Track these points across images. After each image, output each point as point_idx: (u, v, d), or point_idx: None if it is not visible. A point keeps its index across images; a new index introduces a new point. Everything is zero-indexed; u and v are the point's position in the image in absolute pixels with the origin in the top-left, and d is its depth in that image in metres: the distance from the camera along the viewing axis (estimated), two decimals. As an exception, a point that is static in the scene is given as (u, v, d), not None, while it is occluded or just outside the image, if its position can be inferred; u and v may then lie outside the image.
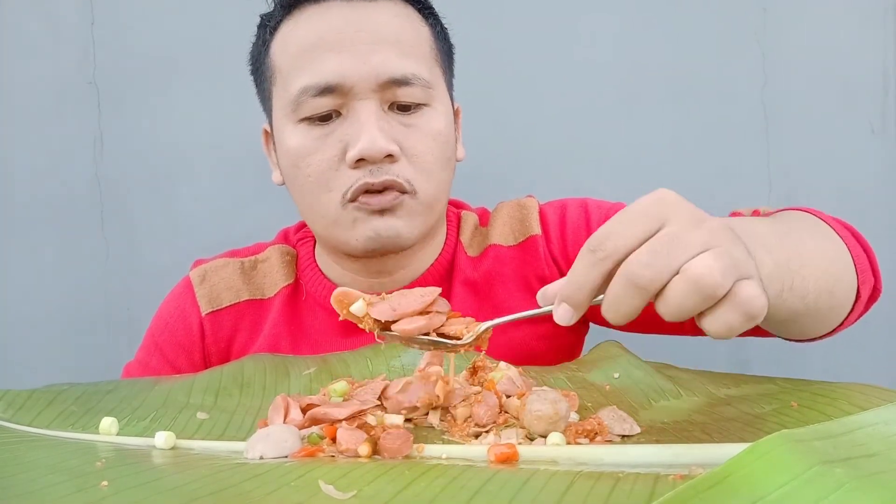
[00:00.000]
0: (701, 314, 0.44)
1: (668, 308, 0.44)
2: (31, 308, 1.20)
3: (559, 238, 0.84)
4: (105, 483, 0.43)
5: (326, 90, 0.73)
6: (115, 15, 1.19)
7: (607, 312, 0.45)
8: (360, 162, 0.73)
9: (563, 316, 0.47)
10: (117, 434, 0.57)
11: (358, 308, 0.53)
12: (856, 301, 0.66)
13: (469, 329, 0.52)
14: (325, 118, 0.75)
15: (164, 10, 1.18)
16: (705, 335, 0.79)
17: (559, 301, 0.47)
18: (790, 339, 0.70)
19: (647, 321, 0.79)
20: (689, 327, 0.78)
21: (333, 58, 0.73)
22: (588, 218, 0.84)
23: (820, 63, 1.15)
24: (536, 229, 0.84)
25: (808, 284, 0.58)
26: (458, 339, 0.52)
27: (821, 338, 0.69)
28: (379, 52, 0.73)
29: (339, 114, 0.75)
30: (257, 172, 1.18)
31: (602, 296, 0.46)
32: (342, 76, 0.73)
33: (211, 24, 1.18)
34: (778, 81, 1.15)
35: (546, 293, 0.50)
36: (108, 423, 0.57)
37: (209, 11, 1.18)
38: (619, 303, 0.44)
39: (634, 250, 0.44)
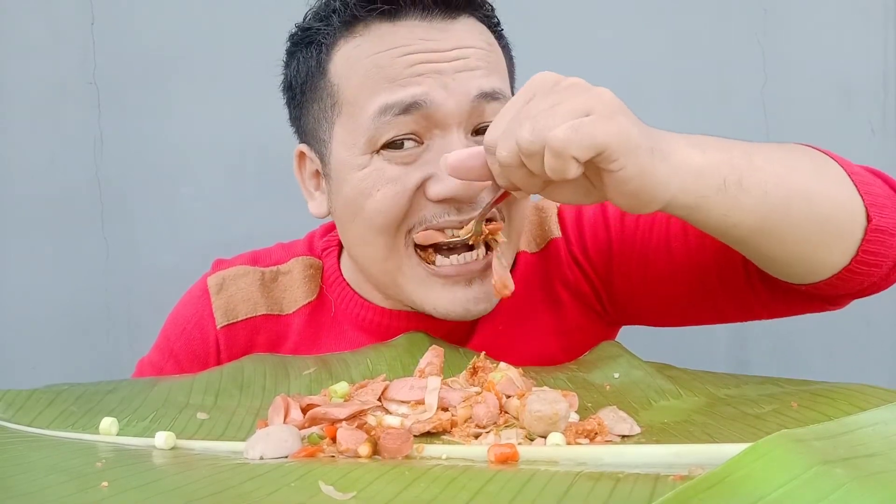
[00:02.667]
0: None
1: (500, 162, 0.53)
2: (31, 308, 1.20)
3: (578, 237, 0.80)
4: (105, 483, 0.43)
5: (412, 106, 0.66)
6: (115, 15, 1.18)
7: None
8: (448, 200, 0.67)
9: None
10: (117, 434, 0.57)
11: None
12: (869, 225, 0.60)
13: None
14: (404, 144, 0.67)
15: (164, 10, 1.18)
16: (739, 320, 0.77)
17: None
18: (802, 276, 0.64)
19: (680, 312, 0.78)
20: (732, 312, 0.75)
21: (417, 77, 0.66)
22: (606, 214, 0.79)
23: (820, 63, 1.15)
24: (556, 232, 0.80)
25: (765, 181, 0.57)
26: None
27: (853, 277, 0.62)
28: (466, 70, 0.67)
29: (420, 143, 0.68)
30: (257, 172, 1.19)
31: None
32: (428, 97, 0.66)
33: (211, 25, 1.18)
34: (778, 81, 1.15)
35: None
36: (108, 424, 0.57)
37: (209, 12, 1.18)
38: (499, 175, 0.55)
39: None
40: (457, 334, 0.77)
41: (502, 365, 0.59)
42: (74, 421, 0.60)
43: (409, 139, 0.67)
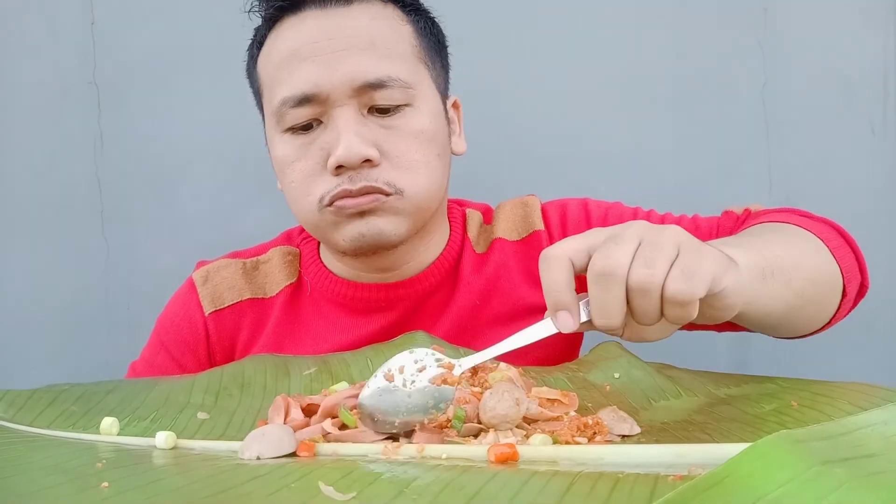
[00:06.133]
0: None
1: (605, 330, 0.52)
2: (31, 308, 1.20)
3: (561, 235, 0.86)
4: (106, 484, 0.43)
5: (304, 100, 0.74)
6: (115, 15, 1.18)
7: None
8: (340, 168, 0.74)
9: (566, 323, 0.51)
10: (118, 434, 0.57)
11: None
12: (843, 298, 0.69)
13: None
14: (306, 127, 0.76)
15: (164, 11, 1.18)
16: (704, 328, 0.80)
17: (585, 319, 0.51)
18: (786, 337, 0.71)
19: None
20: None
21: (307, 67, 0.74)
22: (588, 216, 0.87)
23: (820, 63, 1.15)
24: (539, 225, 0.87)
25: (790, 274, 0.61)
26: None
27: (812, 334, 0.71)
28: (350, 57, 0.74)
29: (319, 122, 0.76)
30: (257, 172, 1.18)
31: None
32: (316, 85, 0.74)
33: (211, 25, 1.18)
34: (778, 81, 1.15)
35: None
36: (108, 424, 0.57)
37: (209, 11, 1.18)
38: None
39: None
40: (433, 303, 0.84)
41: (502, 365, 0.60)
42: (75, 421, 0.60)
43: (307, 123, 0.76)
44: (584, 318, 0.51)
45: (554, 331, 0.52)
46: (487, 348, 0.54)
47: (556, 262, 0.50)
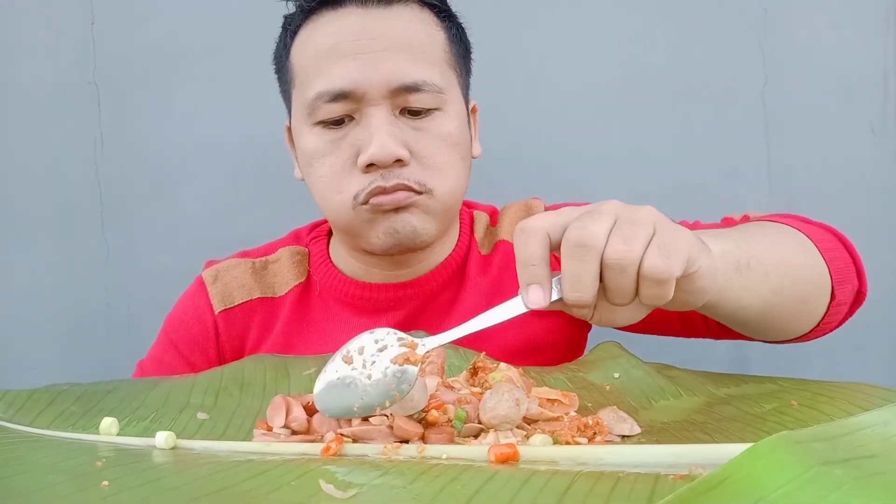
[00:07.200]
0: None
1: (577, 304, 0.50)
2: (31, 308, 1.20)
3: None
4: (105, 483, 0.43)
5: (340, 96, 0.75)
6: (115, 14, 1.18)
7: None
8: (371, 167, 0.75)
9: (537, 298, 0.49)
10: (117, 434, 0.57)
11: None
12: (832, 301, 0.67)
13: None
14: (338, 122, 0.77)
15: (165, 10, 1.18)
16: (703, 336, 0.80)
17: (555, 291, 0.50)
18: (770, 340, 0.71)
19: (651, 322, 0.82)
20: (683, 332, 0.81)
21: (347, 65, 0.74)
22: None
23: (820, 63, 1.15)
24: None
25: (765, 263, 0.59)
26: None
27: (801, 339, 0.70)
28: (390, 59, 0.75)
29: (352, 118, 0.76)
30: (257, 172, 1.19)
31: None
32: (355, 83, 0.74)
33: (212, 24, 1.18)
34: (778, 81, 1.15)
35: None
36: (108, 424, 0.57)
37: (210, 11, 1.18)
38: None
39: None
40: (439, 303, 0.85)
41: (502, 365, 0.60)
42: (74, 421, 0.60)
43: (340, 119, 0.76)
44: (555, 297, 0.49)
45: (524, 309, 0.50)
46: (455, 328, 0.52)
47: (533, 234, 0.49)
